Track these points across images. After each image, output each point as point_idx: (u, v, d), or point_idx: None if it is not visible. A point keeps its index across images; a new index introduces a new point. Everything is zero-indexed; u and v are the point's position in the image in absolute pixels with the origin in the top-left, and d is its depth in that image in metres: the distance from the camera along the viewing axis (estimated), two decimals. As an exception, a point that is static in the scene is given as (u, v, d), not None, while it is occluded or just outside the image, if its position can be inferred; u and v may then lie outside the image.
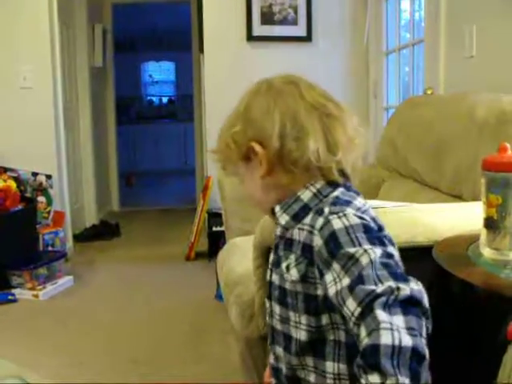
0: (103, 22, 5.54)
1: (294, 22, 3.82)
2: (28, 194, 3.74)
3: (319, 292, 0.88)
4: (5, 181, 3.42)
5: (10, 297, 3.08)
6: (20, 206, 3.48)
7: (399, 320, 0.71)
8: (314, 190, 0.91)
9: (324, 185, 0.91)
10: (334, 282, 0.80)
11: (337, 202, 0.87)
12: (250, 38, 3.77)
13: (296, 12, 3.81)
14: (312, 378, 0.91)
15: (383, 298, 0.73)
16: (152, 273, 3.58)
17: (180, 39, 7.24)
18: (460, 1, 2.56)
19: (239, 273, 1.83)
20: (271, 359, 1.00)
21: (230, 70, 3.73)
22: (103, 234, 4.53)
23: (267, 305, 1.00)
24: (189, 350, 2.40)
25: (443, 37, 2.73)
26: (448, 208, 1.47)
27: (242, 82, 3.31)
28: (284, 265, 0.92)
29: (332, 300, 0.81)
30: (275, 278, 0.95)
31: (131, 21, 7.15)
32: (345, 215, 0.83)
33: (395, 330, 0.69)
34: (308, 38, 3.81)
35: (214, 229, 3.56)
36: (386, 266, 0.77)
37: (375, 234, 0.83)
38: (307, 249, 0.87)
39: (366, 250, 0.78)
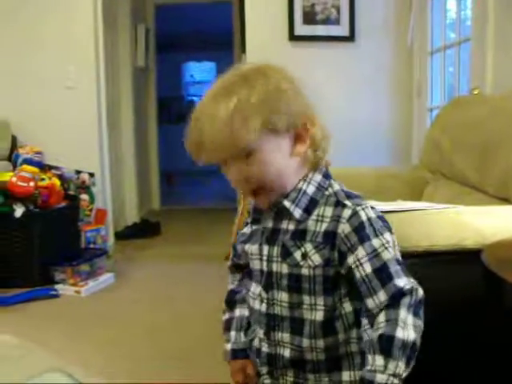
0: (146, 22, 5.61)
1: (337, 22, 3.78)
2: (71, 192, 3.80)
3: (334, 272, 0.98)
4: (49, 178, 3.48)
5: (52, 292, 3.13)
6: (63, 204, 3.54)
7: (411, 319, 0.92)
8: (316, 184, 1.01)
9: (320, 177, 1.02)
10: (355, 264, 0.95)
11: (349, 195, 1.00)
12: (292, 37, 3.74)
13: (339, 11, 3.77)
14: (322, 357, 1.01)
15: (408, 299, 0.93)
16: (192, 271, 3.59)
17: (221, 39, 7.26)
18: (509, -1, 2.49)
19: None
20: (264, 348, 1.06)
21: (272, 69, 3.72)
22: (144, 232, 4.58)
23: (262, 295, 1.04)
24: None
25: (491, 36, 2.65)
26: (496, 211, 1.43)
27: (284, 82, 3.15)
28: (298, 254, 0.99)
29: (357, 282, 0.96)
30: (281, 267, 1.01)
31: (173, 21, 7.19)
32: (366, 208, 0.98)
33: (408, 328, 0.91)
34: (351, 38, 3.76)
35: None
36: (399, 262, 0.97)
37: (386, 223, 0.99)
38: (331, 235, 0.97)
39: (386, 246, 0.95)
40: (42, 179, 3.41)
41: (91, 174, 3.90)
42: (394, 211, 1.34)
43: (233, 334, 1.15)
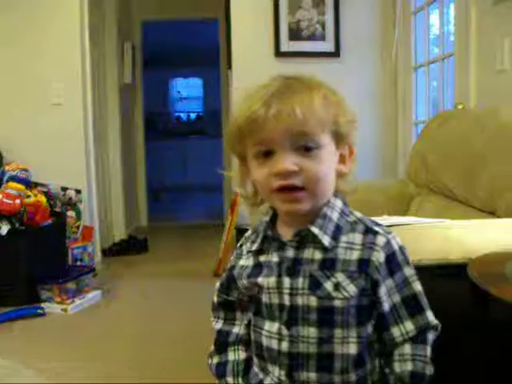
0: (132, 39, 5.62)
1: (322, 38, 3.82)
2: (58, 209, 3.78)
3: (368, 301, 0.95)
4: (35, 195, 3.46)
5: (38, 310, 3.10)
6: (50, 221, 3.52)
7: (429, 351, 0.95)
8: (339, 210, 0.97)
9: (341, 204, 0.98)
10: (386, 296, 0.94)
11: (376, 222, 0.98)
12: (278, 53, 3.77)
13: (324, 27, 3.81)
14: None
15: (432, 335, 0.96)
16: (180, 289, 3.57)
17: (207, 55, 7.30)
18: (490, 14, 2.53)
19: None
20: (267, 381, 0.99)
21: (258, 85, 3.74)
22: (131, 249, 4.56)
23: (283, 332, 0.96)
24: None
25: (474, 51, 2.70)
26: (482, 224, 1.44)
27: (270, 98, 3.19)
28: (329, 285, 0.93)
29: (385, 314, 0.94)
30: (308, 300, 0.94)
31: (159, 37, 7.22)
32: (395, 237, 0.97)
33: (428, 363, 0.94)
34: (336, 54, 3.80)
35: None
36: (424, 295, 0.97)
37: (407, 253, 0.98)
38: (364, 263, 0.93)
39: (416, 276, 0.97)
40: (28, 196, 3.39)
41: (78, 191, 3.88)
42: (381, 226, 1.34)
43: (230, 380, 1.06)
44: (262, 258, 1.00)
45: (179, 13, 5.84)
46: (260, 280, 0.98)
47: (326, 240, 0.94)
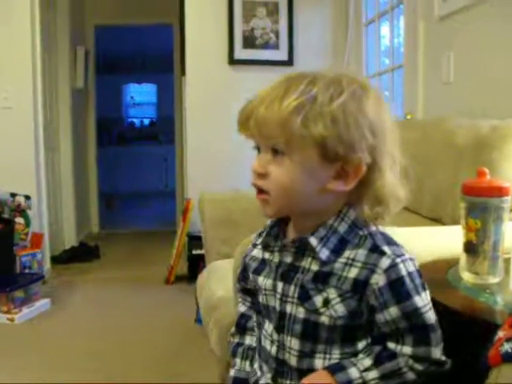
0: (85, 43, 5.55)
1: (276, 46, 3.86)
2: (6, 215, 3.69)
3: (361, 323, 0.89)
4: (-18, 202, 3.38)
5: (-16, 320, 3.02)
6: (-3, 228, 3.43)
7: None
8: (349, 222, 0.89)
9: (356, 216, 0.89)
10: (387, 323, 0.87)
11: (389, 240, 0.89)
12: (232, 61, 3.79)
13: (277, 36, 3.85)
14: None
15: (421, 367, 0.88)
16: (131, 296, 3.54)
17: (161, 61, 7.27)
18: (437, 29, 2.61)
19: (219, 296, 1.81)
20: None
21: (212, 93, 3.75)
22: (82, 256, 4.48)
23: (273, 336, 0.95)
24: (167, 375, 2.37)
25: (421, 63, 2.78)
26: (427, 232, 1.48)
27: (224, 106, 3.40)
28: (318, 299, 0.88)
29: (386, 335, 0.89)
30: (297, 311, 0.90)
31: (113, 43, 7.16)
32: (406, 260, 0.87)
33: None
34: (289, 62, 3.84)
35: (194, 252, 3.55)
36: (438, 326, 0.88)
37: (422, 280, 0.89)
38: (360, 285, 0.86)
39: (429, 306, 0.88)
40: (-25, 202, 3.30)
41: (27, 197, 3.79)
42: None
43: (238, 361, 1.06)
44: (267, 256, 0.98)
45: (133, 18, 5.80)
46: (260, 280, 0.97)
47: (324, 253, 0.88)
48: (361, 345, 0.90)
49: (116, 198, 7.54)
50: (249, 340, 1.07)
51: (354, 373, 0.87)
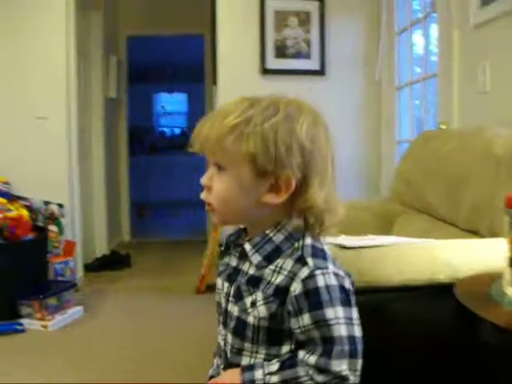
0: (118, 53, 5.62)
1: (308, 56, 3.85)
2: (40, 223, 3.74)
3: (284, 327, 0.95)
4: (17, 209, 3.42)
5: (18, 327, 3.05)
6: (31, 235, 3.48)
7: None
8: (286, 234, 0.97)
9: (294, 228, 0.97)
10: (300, 329, 0.91)
11: (316, 253, 0.94)
12: (264, 71, 3.79)
13: (309, 46, 3.84)
14: None
15: (322, 378, 0.89)
16: (162, 305, 3.55)
17: (192, 71, 7.31)
18: (472, 37, 2.57)
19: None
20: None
21: (244, 102, 3.75)
22: (113, 265, 4.51)
23: (221, 332, 1.05)
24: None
25: (456, 72, 2.73)
26: (467, 245, 1.45)
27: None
28: (248, 300, 0.96)
29: (303, 343, 0.93)
30: (234, 309, 0.99)
31: (145, 52, 7.24)
32: (327, 273, 0.91)
33: None
34: (321, 72, 3.83)
35: (225, 261, 3.54)
36: (349, 341, 0.89)
37: (345, 295, 0.92)
38: (282, 291, 0.93)
39: (339, 321, 0.89)
40: (10, 210, 3.35)
41: (60, 205, 3.85)
42: (367, 246, 1.35)
43: (215, 360, 1.13)
44: (226, 260, 1.07)
45: (165, 28, 5.86)
46: (218, 280, 1.08)
47: (256, 258, 0.97)
48: (284, 349, 0.96)
49: (147, 207, 7.60)
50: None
51: (259, 374, 0.93)
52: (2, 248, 3.23)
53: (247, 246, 0.98)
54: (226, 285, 1.03)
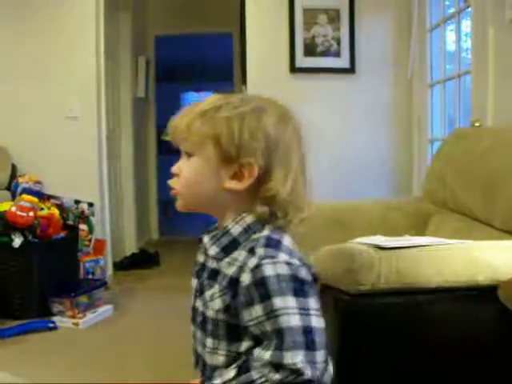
0: (146, 53, 5.65)
1: (337, 54, 3.81)
2: (70, 222, 3.78)
3: (241, 321, 0.93)
4: (48, 208, 3.46)
5: (50, 324, 3.08)
6: (62, 234, 3.51)
7: None
8: (245, 226, 0.96)
9: (254, 221, 0.96)
10: (252, 321, 0.89)
11: (269, 243, 0.93)
12: (293, 69, 3.77)
13: (339, 44, 3.80)
14: None
15: (278, 376, 0.85)
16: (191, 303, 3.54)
17: (220, 70, 7.32)
18: (508, 33, 2.51)
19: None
20: (197, 381, 1.06)
21: (273, 101, 3.73)
22: (142, 263, 4.54)
23: (191, 328, 1.06)
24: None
25: (491, 69, 2.67)
26: (507, 246, 1.41)
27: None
28: (208, 293, 0.97)
29: (257, 336, 0.91)
30: (198, 304, 1.01)
31: (172, 51, 7.26)
32: (277, 262, 0.89)
33: None
34: (351, 70, 3.79)
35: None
36: (303, 332, 0.86)
37: (299, 285, 0.89)
38: (234, 282, 0.92)
39: (289, 311, 0.87)
40: (42, 209, 3.39)
41: (90, 204, 3.88)
42: (404, 247, 1.32)
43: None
44: (198, 257, 1.07)
45: (193, 27, 5.88)
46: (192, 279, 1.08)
47: (213, 250, 0.98)
48: (244, 346, 0.95)
49: (172, 205, 7.62)
50: None
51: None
52: (34, 246, 3.27)
53: (205, 239, 1.00)
54: (195, 281, 1.04)
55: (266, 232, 0.95)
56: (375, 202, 2.64)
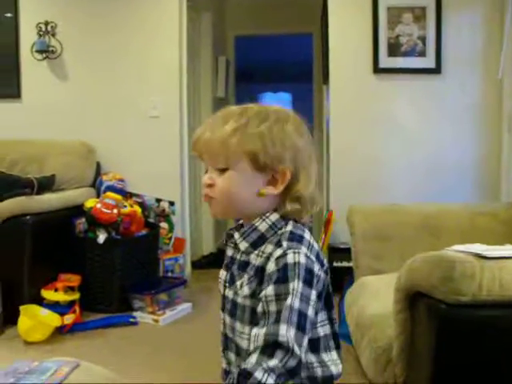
0: (226, 54, 5.69)
1: (422, 54, 3.70)
2: (151, 220, 3.85)
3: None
4: (131, 206, 3.54)
5: (131, 319, 3.15)
6: (144, 231, 3.58)
7: (274, 365, 0.91)
8: (270, 223, 1.07)
9: (278, 218, 1.07)
10: (262, 302, 0.97)
11: (293, 237, 1.04)
12: (377, 70, 3.68)
13: (424, 43, 3.69)
14: None
15: (280, 352, 0.92)
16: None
17: (299, 70, 7.28)
18: None
19: (371, 314, 1.74)
20: (223, 364, 1.18)
21: (356, 101, 3.67)
22: (220, 263, 4.52)
23: (221, 316, 1.15)
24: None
25: None
26: None
27: (368, 115, 3.28)
28: (238, 283, 1.08)
29: (258, 314, 0.98)
30: (229, 293, 1.11)
31: (251, 52, 7.29)
32: (298, 253, 1.00)
33: (271, 376, 0.90)
34: (437, 70, 3.67)
35: (336, 264, 3.46)
36: (299, 314, 0.95)
37: (310, 277, 0.99)
38: (260, 270, 1.03)
39: (295, 294, 0.96)
40: (125, 206, 3.46)
41: (171, 203, 3.93)
42: (508, 257, 1.24)
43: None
44: (227, 251, 1.17)
45: (272, 28, 5.86)
46: (220, 271, 1.18)
47: (243, 245, 1.08)
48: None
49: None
50: None
51: None
52: (117, 242, 3.35)
53: (236, 235, 1.10)
54: (224, 273, 1.15)
55: (289, 227, 1.06)
56: (464, 206, 2.53)
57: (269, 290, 0.98)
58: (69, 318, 2.98)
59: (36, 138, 3.85)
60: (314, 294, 0.99)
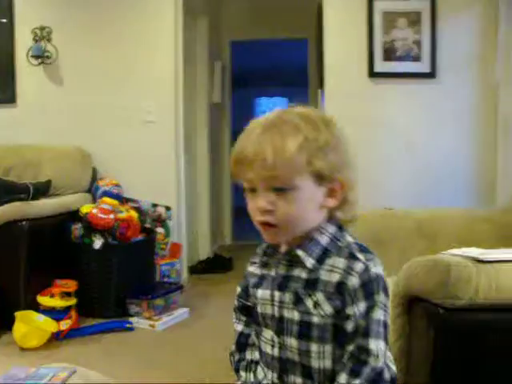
0: (222, 59, 5.70)
1: (417, 58, 3.71)
2: (148, 225, 3.84)
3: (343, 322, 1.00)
4: (127, 211, 3.53)
5: (127, 325, 3.14)
6: (140, 237, 3.58)
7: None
8: (331, 236, 1.04)
9: (334, 229, 1.05)
10: (354, 316, 0.98)
11: (362, 249, 1.02)
12: (372, 74, 3.70)
13: (420, 48, 3.71)
14: None
15: (368, 368, 0.97)
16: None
17: (294, 75, 7.29)
18: None
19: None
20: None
21: (352, 106, 3.67)
22: (216, 268, 4.56)
23: (274, 339, 1.08)
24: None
25: None
26: None
27: (363, 119, 3.29)
28: (309, 302, 1.02)
29: (348, 333, 0.99)
30: (292, 315, 1.04)
31: (246, 57, 7.29)
32: (376, 265, 1.00)
33: None
34: (432, 75, 3.68)
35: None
36: (384, 326, 1.00)
37: (384, 284, 1.01)
38: (341, 286, 0.99)
39: (379, 305, 0.99)
40: (121, 212, 3.46)
41: (167, 208, 3.93)
42: (505, 261, 1.25)
43: (243, 374, 1.19)
44: (265, 271, 1.13)
45: (267, 33, 5.88)
46: (259, 292, 1.12)
47: (309, 262, 1.03)
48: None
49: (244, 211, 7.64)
50: (249, 355, 1.20)
51: None
52: (113, 248, 3.34)
53: (300, 252, 1.04)
54: (278, 293, 1.07)
55: (349, 238, 1.04)
56: (460, 211, 2.53)
57: (361, 307, 0.98)
58: (65, 324, 2.97)
59: (32, 144, 3.84)
60: (389, 301, 1.02)
